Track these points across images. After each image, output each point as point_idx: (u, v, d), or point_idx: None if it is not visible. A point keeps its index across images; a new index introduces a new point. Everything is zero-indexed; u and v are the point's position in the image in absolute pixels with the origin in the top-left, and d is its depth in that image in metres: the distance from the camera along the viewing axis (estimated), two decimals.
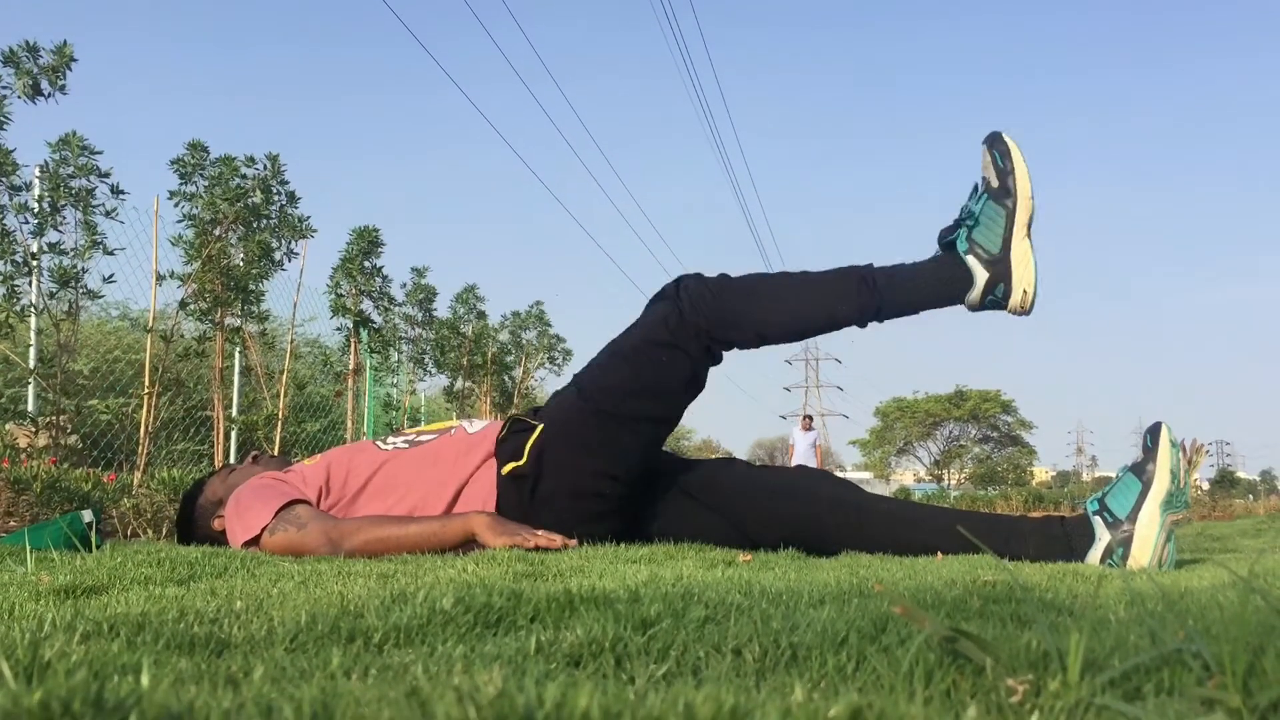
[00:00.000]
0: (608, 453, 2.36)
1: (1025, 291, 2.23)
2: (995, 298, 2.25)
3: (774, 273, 2.42)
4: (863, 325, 2.34)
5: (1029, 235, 2.23)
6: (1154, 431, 2.26)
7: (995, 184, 2.23)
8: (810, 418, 18.51)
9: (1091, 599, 1.25)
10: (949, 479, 45.90)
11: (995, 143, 2.26)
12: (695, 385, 2.44)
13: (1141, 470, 2.22)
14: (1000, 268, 2.22)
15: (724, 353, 2.42)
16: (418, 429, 2.65)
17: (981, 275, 2.23)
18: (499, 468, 2.39)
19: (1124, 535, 2.16)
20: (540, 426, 2.37)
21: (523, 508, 2.33)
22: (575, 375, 2.49)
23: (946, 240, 2.29)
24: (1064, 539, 2.23)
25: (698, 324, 2.33)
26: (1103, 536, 2.19)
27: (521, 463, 2.35)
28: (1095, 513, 2.23)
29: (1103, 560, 2.17)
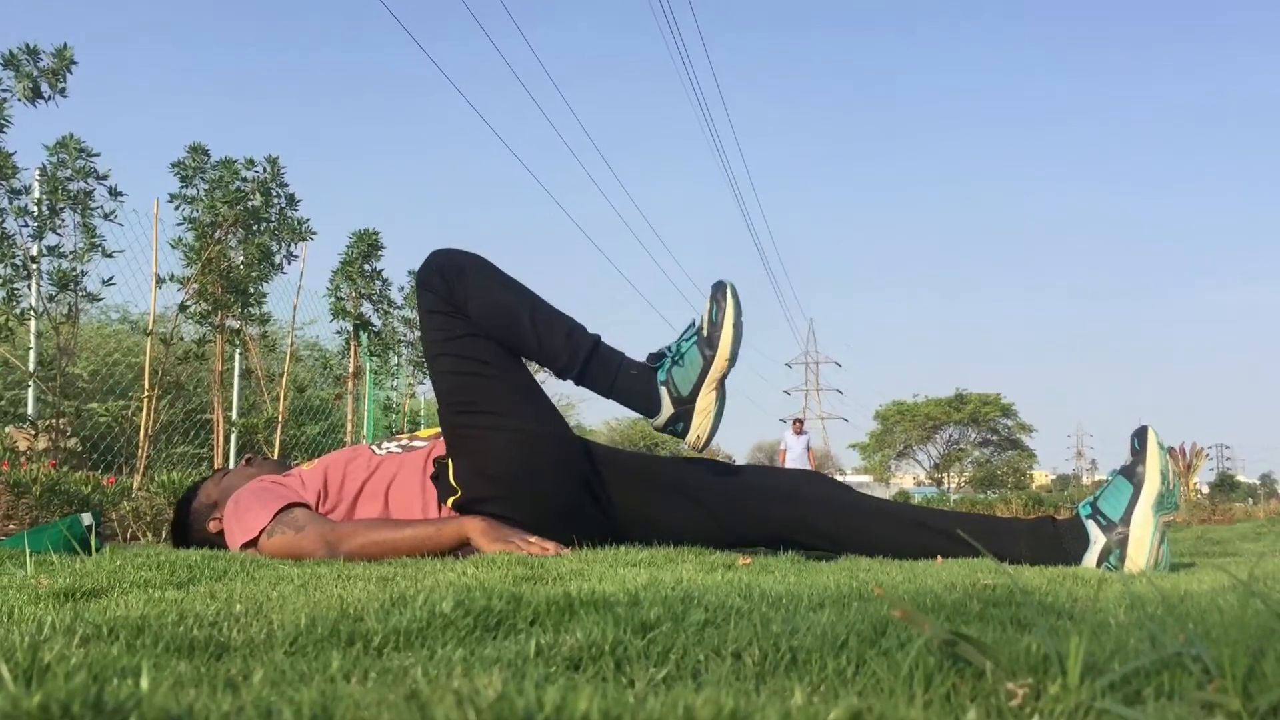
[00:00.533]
0: (495, 455, 2.31)
1: (700, 436, 2.31)
2: (675, 430, 2.33)
3: (513, 278, 2.39)
4: (555, 372, 2.35)
5: (719, 388, 2.31)
6: (1141, 435, 2.27)
7: (705, 333, 2.30)
8: (801, 420, 18.41)
9: (1091, 602, 1.25)
10: (949, 482, 45.85)
11: (717, 294, 2.32)
12: (510, 361, 2.37)
13: (1131, 473, 2.23)
14: (684, 409, 2.30)
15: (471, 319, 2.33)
16: (411, 434, 2.65)
17: (667, 408, 2.30)
18: (440, 504, 2.37)
19: (1119, 537, 2.18)
20: (449, 463, 2.36)
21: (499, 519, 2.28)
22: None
23: (654, 364, 2.35)
24: (1056, 539, 2.24)
25: (452, 299, 2.29)
26: (1098, 539, 2.20)
27: (459, 496, 2.34)
28: (1088, 516, 2.24)
29: (1099, 563, 2.18)
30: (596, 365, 2.31)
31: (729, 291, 2.31)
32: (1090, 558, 2.19)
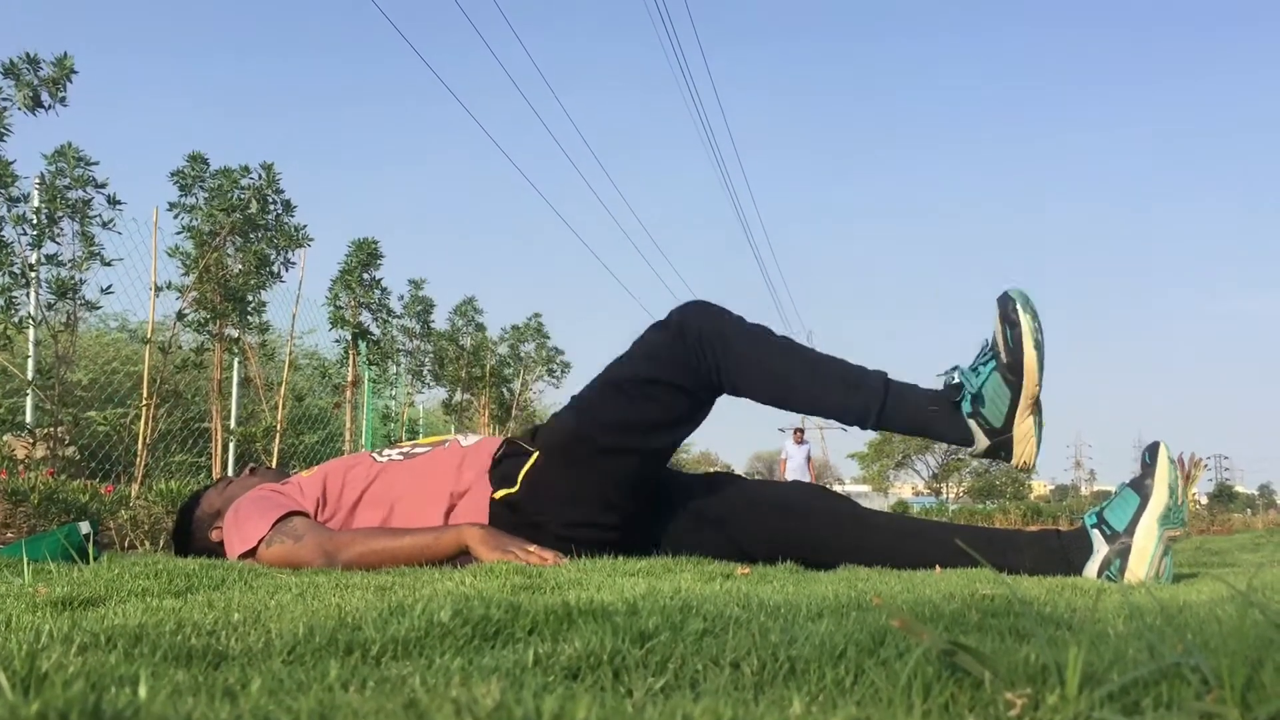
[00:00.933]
0: (602, 484, 2.32)
1: (1025, 461, 2.21)
2: (997, 456, 2.24)
3: (782, 336, 2.35)
4: (848, 425, 2.31)
5: (1035, 410, 2.16)
6: (1153, 450, 2.27)
7: (1004, 359, 2.13)
8: (802, 430, 18.41)
9: (1090, 613, 1.25)
10: (947, 492, 45.81)
11: (1009, 311, 2.13)
12: (692, 421, 2.40)
13: (1140, 485, 2.23)
14: (1002, 440, 2.18)
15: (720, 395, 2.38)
16: (413, 442, 2.65)
17: (982, 440, 2.20)
18: (492, 491, 2.37)
19: (1121, 548, 2.17)
20: (535, 455, 2.34)
21: (515, 531, 2.29)
22: (572, 399, 2.43)
23: (953, 399, 2.22)
24: (1060, 551, 2.24)
25: (691, 361, 2.28)
26: (1100, 549, 2.20)
27: (514, 490, 2.33)
28: (1093, 526, 2.24)
29: (1100, 572, 2.18)
30: (890, 413, 2.23)
31: (1020, 307, 2.12)
32: (1091, 567, 2.19)
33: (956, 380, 2.23)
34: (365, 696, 0.65)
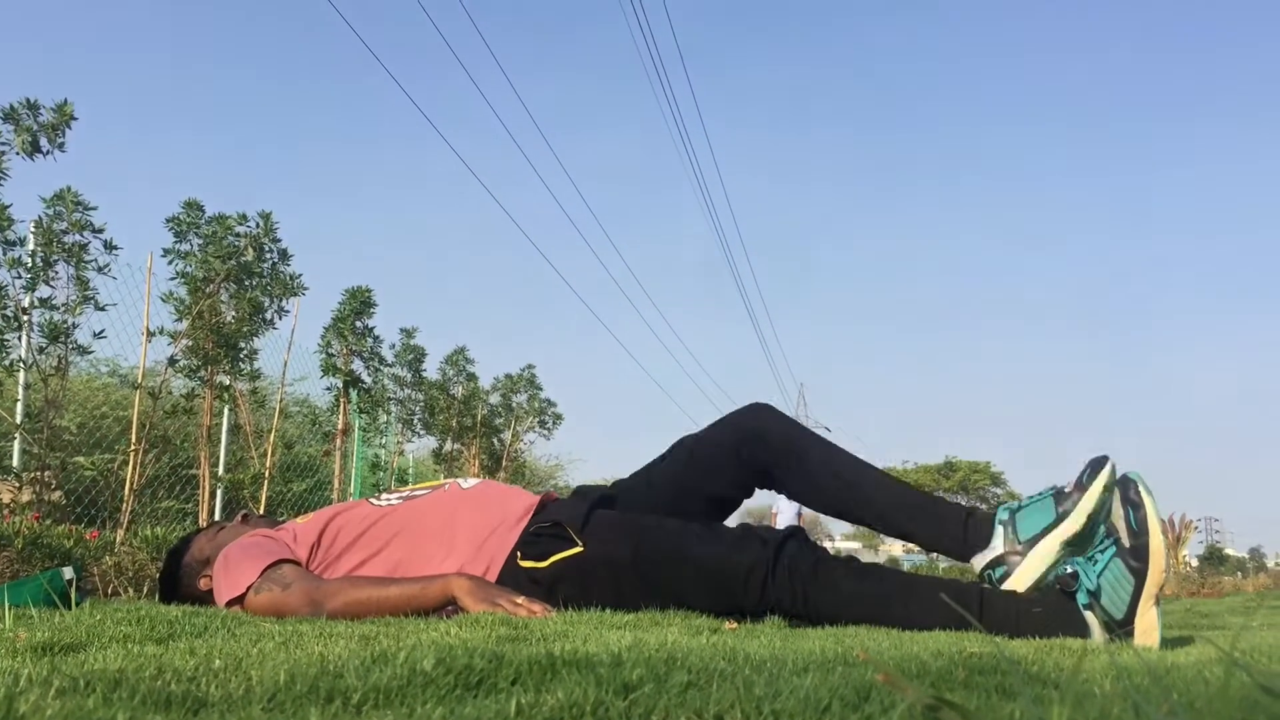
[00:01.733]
0: (633, 593, 2.26)
1: (1148, 649, 2.02)
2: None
3: (881, 570, 2.30)
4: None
5: (1157, 602, 2.00)
6: (1095, 466, 2.16)
7: (1127, 543, 2.02)
8: None
9: (1076, 672, 1.25)
10: None
11: (1130, 493, 2.03)
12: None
13: (1061, 502, 2.15)
14: (1123, 632, 2.00)
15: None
16: (410, 487, 2.64)
17: (1099, 633, 2.02)
18: (515, 551, 2.33)
19: (1015, 557, 2.15)
20: (578, 550, 2.28)
21: (522, 590, 2.23)
22: (632, 526, 2.34)
23: (1066, 590, 2.09)
24: (961, 523, 2.26)
25: (774, 586, 2.22)
26: (996, 547, 2.18)
27: (541, 566, 2.28)
28: (1002, 522, 2.21)
29: (983, 570, 2.18)
30: (988, 620, 2.08)
31: (1143, 489, 2.02)
32: (980, 560, 2.18)
33: (1069, 570, 2.10)
34: None
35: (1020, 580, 2.13)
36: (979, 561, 2.18)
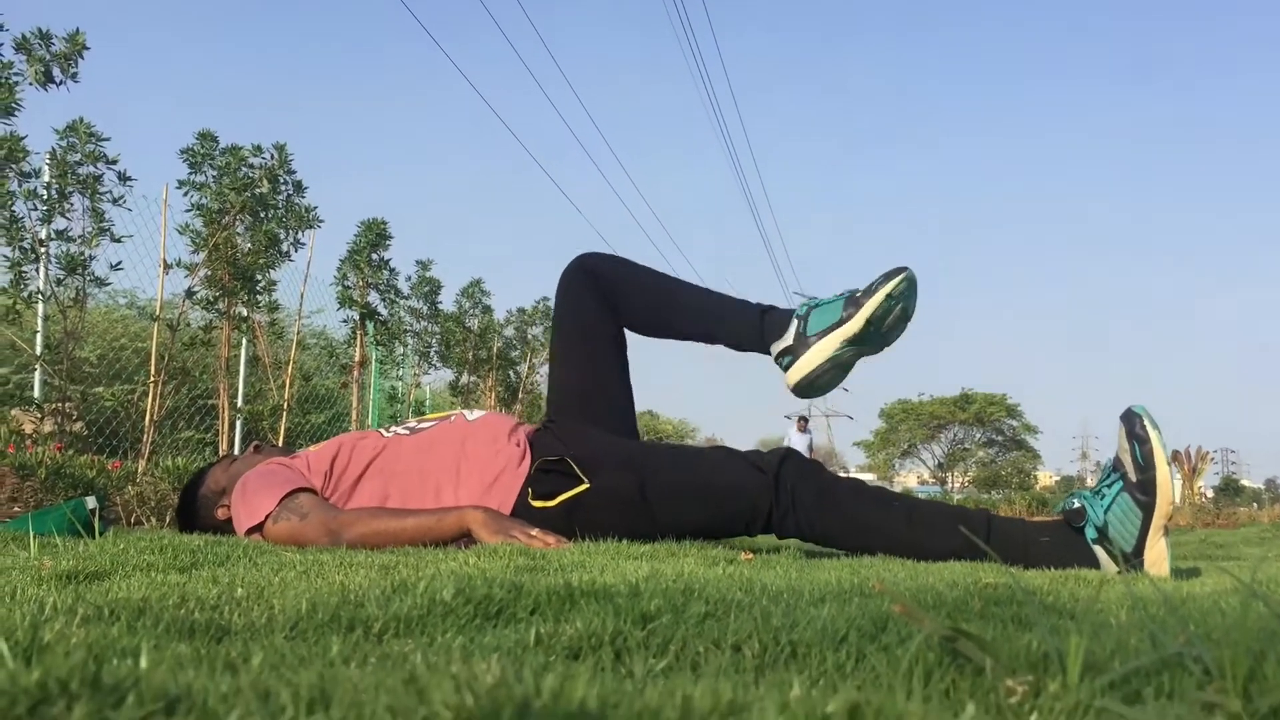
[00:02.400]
0: (644, 526, 2.29)
1: (1161, 579, 2.03)
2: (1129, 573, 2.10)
3: (887, 495, 2.33)
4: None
5: (1166, 533, 2.03)
6: (889, 274, 2.30)
7: (1134, 477, 2.03)
8: (805, 419, 18.24)
9: (1093, 602, 1.25)
10: (952, 481, 45.72)
11: (1134, 427, 2.04)
12: None
13: (850, 304, 2.30)
14: (1132, 564, 2.03)
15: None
16: (419, 418, 2.66)
17: (1110, 567, 2.05)
18: (524, 490, 2.35)
19: (802, 347, 2.31)
20: (584, 487, 2.30)
21: (532, 523, 2.25)
22: (640, 469, 2.34)
23: (1074, 525, 2.11)
24: (759, 317, 2.40)
25: (779, 516, 2.26)
26: (788, 339, 2.33)
27: (550, 505, 2.31)
28: (798, 317, 2.35)
29: (777, 357, 2.34)
30: (997, 547, 2.11)
31: (1148, 423, 2.03)
32: (777, 347, 2.36)
33: (1076, 505, 2.11)
34: (366, 672, 0.65)
35: (798, 370, 2.29)
36: (774, 349, 2.34)
